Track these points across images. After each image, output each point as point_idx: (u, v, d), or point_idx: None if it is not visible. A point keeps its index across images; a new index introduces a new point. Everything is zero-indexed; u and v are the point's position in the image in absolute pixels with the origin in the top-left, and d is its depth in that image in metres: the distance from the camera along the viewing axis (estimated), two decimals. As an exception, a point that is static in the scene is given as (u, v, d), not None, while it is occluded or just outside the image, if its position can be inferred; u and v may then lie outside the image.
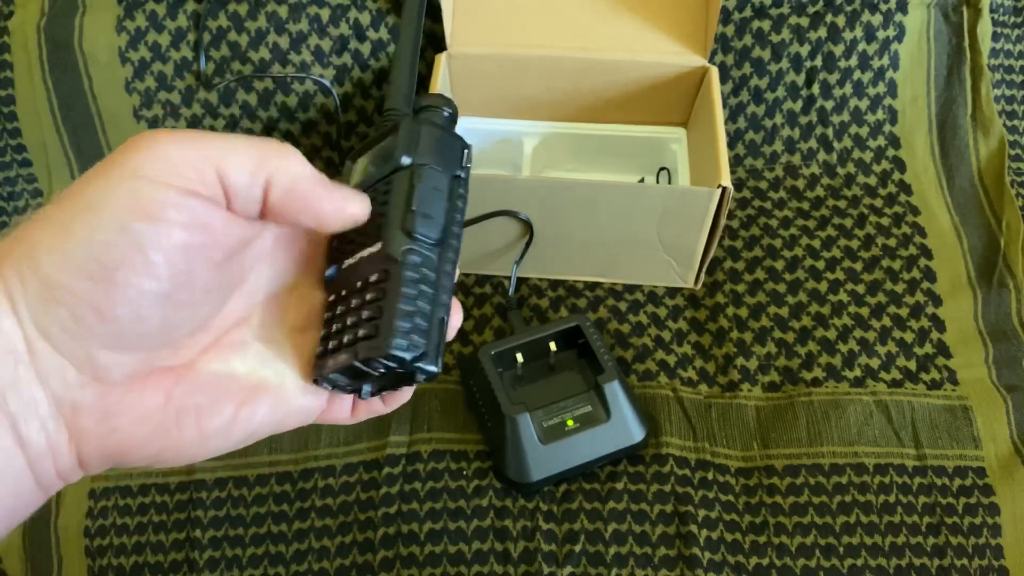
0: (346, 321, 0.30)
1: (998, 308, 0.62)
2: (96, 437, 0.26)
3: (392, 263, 0.30)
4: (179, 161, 0.25)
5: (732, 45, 0.70)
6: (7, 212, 0.72)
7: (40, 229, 0.24)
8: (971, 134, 0.71)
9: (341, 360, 0.29)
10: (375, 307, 0.29)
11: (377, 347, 0.28)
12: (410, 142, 0.32)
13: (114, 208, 0.24)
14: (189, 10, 0.68)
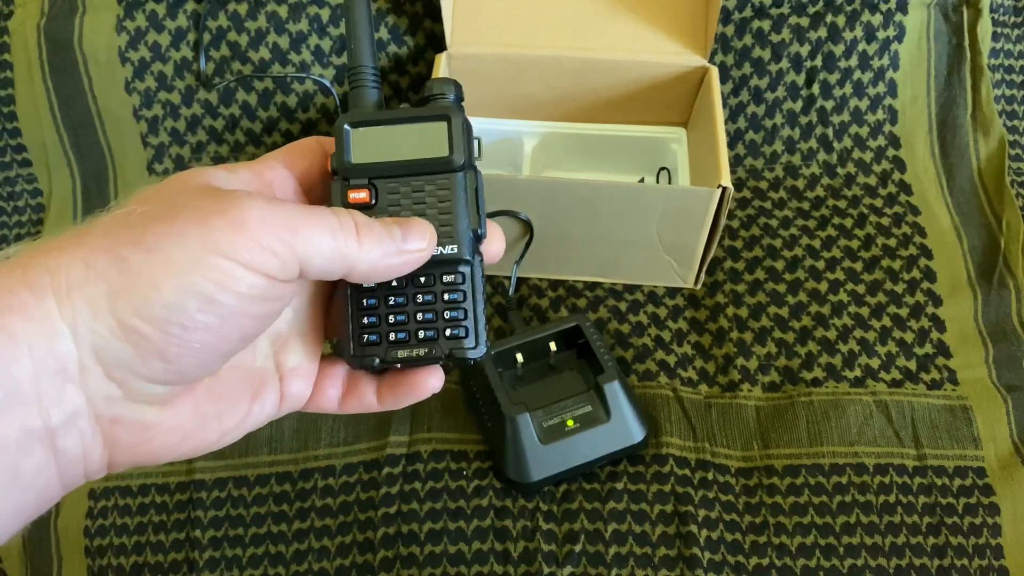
0: (414, 315, 0.32)
1: (998, 308, 0.62)
2: (130, 446, 0.27)
3: (466, 264, 0.32)
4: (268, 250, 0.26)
5: (732, 45, 0.70)
6: (7, 212, 0.72)
7: (123, 273, 0.25)
8: (971, 134, 0.71)
9: (422, 354, 0.32)
10: (460, 309, 0.32)
11: (473, 348, 0.32)
12: (466, 142, 0.32)
13: (203, 278, 0.25)
14: (189, 10, 0.68)
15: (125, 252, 0.25)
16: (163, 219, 0.26)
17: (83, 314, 0.24)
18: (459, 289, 0.32)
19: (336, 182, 0.32)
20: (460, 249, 0.31)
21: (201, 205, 0.26)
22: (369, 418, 0.57)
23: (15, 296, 0.24)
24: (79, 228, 0.26)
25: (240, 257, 0.26)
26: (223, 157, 0.72)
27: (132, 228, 0.25)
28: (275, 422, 0.56)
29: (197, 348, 0.26)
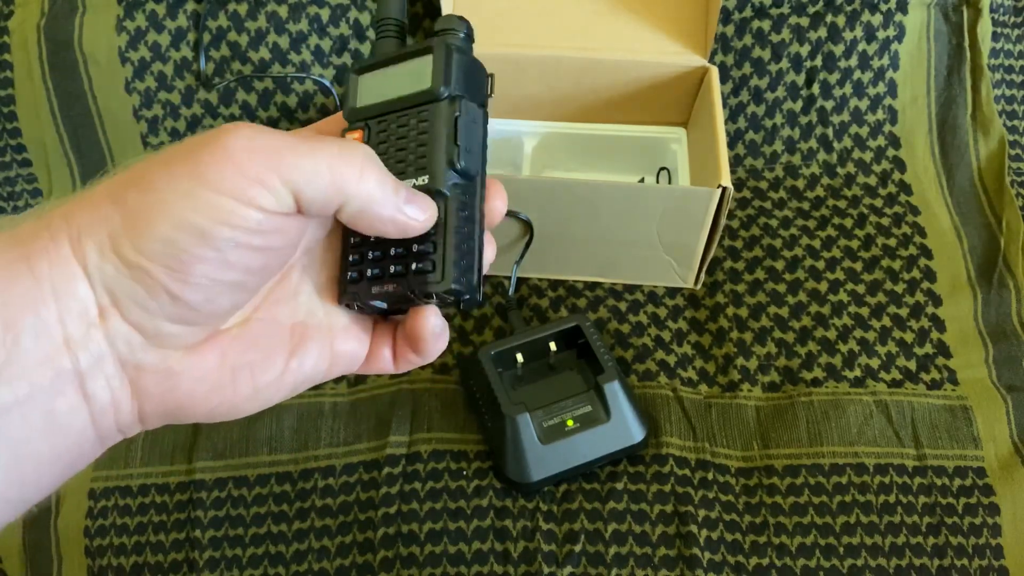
0: (389, 251, 0.30)
1: (998, 308, 0.62)
2: (157, 395, 0.28)
3: (440, 198, 0.30)
4: (258, 181, 0.26)
5: (732, 45, 0.70)
6: (7, 212, 0.72)
7: (121, 211, 0.26)
8: (971, 134, 0.71)
9: (390, 289, 0.30)
10: (428, 242, 0.30)
11: (438, 282, 0.29)
12: (448, 72, 0.31)
13: (193, 212, 0.25)
14: (189, 10, 0.68)
15: (125, 194, 0.26)
16: (161, 161, 0.26)
17: (92, 255, 0.25)
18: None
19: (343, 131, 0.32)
20: (433, 180, 0.30)
21: (193, 140, 0.26)
22: (369, 418, 0.57)
23: (39, 240, 0.25)
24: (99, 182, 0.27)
25: (229, 190, 0.25)
26: (223, 157, 0.72)
27: (135, 172, 0.26)
28: (275, 422, 0.56)
29: (201, 283, 0.26)
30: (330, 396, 0.58)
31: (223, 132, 0.26)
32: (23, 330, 0.24)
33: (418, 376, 0.58)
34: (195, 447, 0.55)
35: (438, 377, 0.59)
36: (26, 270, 0.25)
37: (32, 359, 0.25)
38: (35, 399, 0.25)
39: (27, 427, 0.25)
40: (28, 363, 0.25)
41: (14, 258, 0.25)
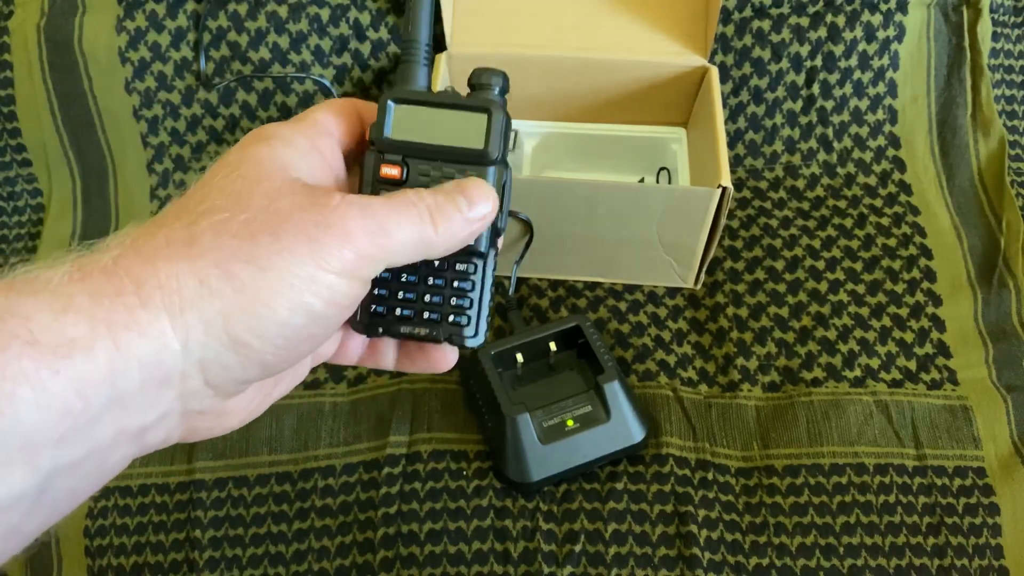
0: (422, 295, 0.33)
1: (998, 308, 0.62)
2: (205, 431, 0.29)
3: (480, 257, 0.33)
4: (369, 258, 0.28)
5: (732, 45, 0.70)
6: (7, 212, 0.72)
7: (237, 292, 0.25)
8: (971, 134, 0.71)
9: (422, 333, 0.33)
10: (466, 298, 0.33)
11: (472, 336, 0.33)
12: (501, 138, 0.33)
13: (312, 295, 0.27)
14: (189, 10, 0.68)
15: (237, 269, 0.25)
16: (269, 231, 0.26)
17: (196, 331, 0.25)
18: (469, 279, 0.33)
19: (372, 153, 0.32)
20: (478, 241, 0.32)
21: (305, 217, 0.27)
22: (369, 418, 0.57)
23: (130, 312, 0.24)
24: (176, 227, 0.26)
25: (350, 272, 0.27)
26: (223, 157, 0.72)
27: (240, 240, 0.26)
28: (275, 422, 0.56)
29: (296, 353, 0.28)
30: (330, 396, 0.58)
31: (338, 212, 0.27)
32: (97, 399, 0.24)
33: (418, 376, 0.58)
34: (195, 447, 0.55)
35: (438, 377, 0.59)
36: (108, 339, 0.24)
37: (100, 424, 0.24)
38: (93, 456, 0.25)
39: (76, 479, 0.25)
40: (95, 427, 0.24)
41: (96, 324, 0.23)
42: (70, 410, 0.23)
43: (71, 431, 0.23)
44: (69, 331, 0.23)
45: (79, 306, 0.24)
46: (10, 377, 0.22)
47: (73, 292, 0.24)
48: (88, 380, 0.23)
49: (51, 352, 0.23)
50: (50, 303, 0.23)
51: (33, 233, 0.71)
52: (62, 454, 0.23)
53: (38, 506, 0.24)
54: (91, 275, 0.24)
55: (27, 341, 0.22)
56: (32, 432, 0.22)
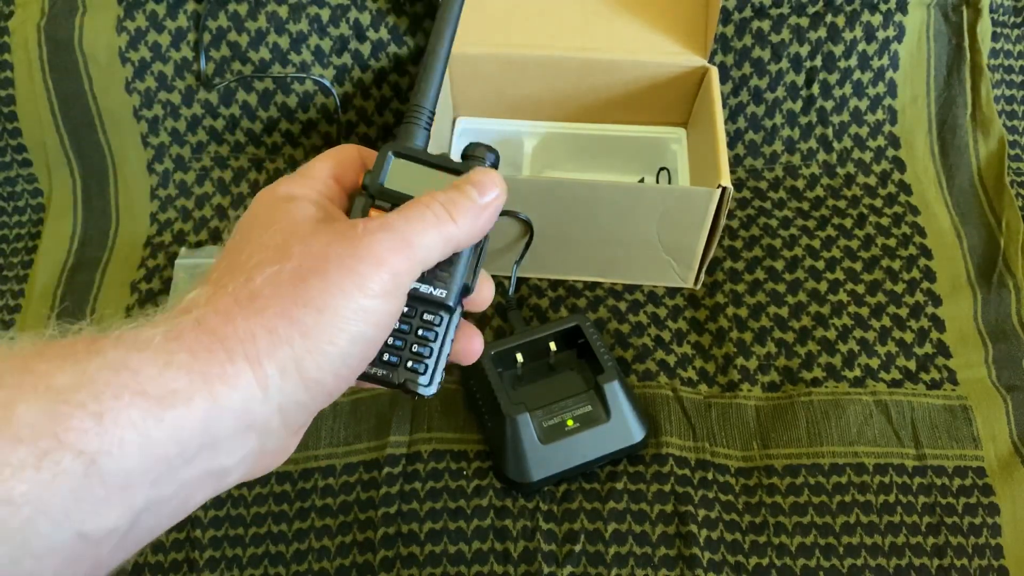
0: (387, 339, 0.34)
1: (998, 308, 0.62)
2: (269, 467, 0.31)
3: (448, 311, 0.35)
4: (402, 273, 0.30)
5: (732, 45, 0.70)
6: (7, 212, 0.72)
7: (304, 337, 0.28)
8: (971, 134, 0.71)
9: (379, 374, 0.34)
10: (427, 347, 0.34)
11: (425, 386, 0.35)
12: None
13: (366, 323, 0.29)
14: (189, 10, 0.68)
15: (299, 314, 0.28)
16: (317, 273, 0.29)
17: (274, 379, 0.28)
18: (433, 329, 0.35)
19: (362, 197, 0.34)
20: (448, 296, 0.34)
21: (340, 252, 0.29)
22: (369, 418, 0.57)
23: (221, 366, 0.27)
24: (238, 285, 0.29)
25: (390, 292, 0.30)
26: (223, 157, 0.72)
27: (294, 287, 0.29)
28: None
29: (353, 376, 0.31)
30: (330, 396, 0.58)
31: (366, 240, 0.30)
32: (192, 445, 0.26)
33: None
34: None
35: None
36: (204, 391, 0.26)
37: (191, 466, 0.26)
38: (180, 494, 0.27)
39: (162, 516, 0.27)
40: (186, 469, 0.26)
41: (193, 378, 0.26)
42: (166, 455, 0.25)
43: (166, 473, 0.26)
44: (171, 384, 0.26)
45: (180, 362, 0.26)
46: (121, 424, 0.24)
47: (172, 349, 0.26)
48: (186, 429, 0.26)
49: (157, 402, 0.25)
50: (154, 359, 0.26)
51: (33, 233, 0.71)
52: (154, 493, 0.26)
53: (124, 541, 0.26)
54: (184, 335, 0.27)
55: (136, 392, 0.25)
56: (132, 474, 0.25)
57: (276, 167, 0.72)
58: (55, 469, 0.23)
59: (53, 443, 0.23)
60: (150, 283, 0.66)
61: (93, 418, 0.24)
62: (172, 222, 0.70)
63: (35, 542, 0.23)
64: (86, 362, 0.25)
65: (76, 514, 0.24)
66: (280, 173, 0.72)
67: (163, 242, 0.69)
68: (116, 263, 0.68)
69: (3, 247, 0.70)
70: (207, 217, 0.70)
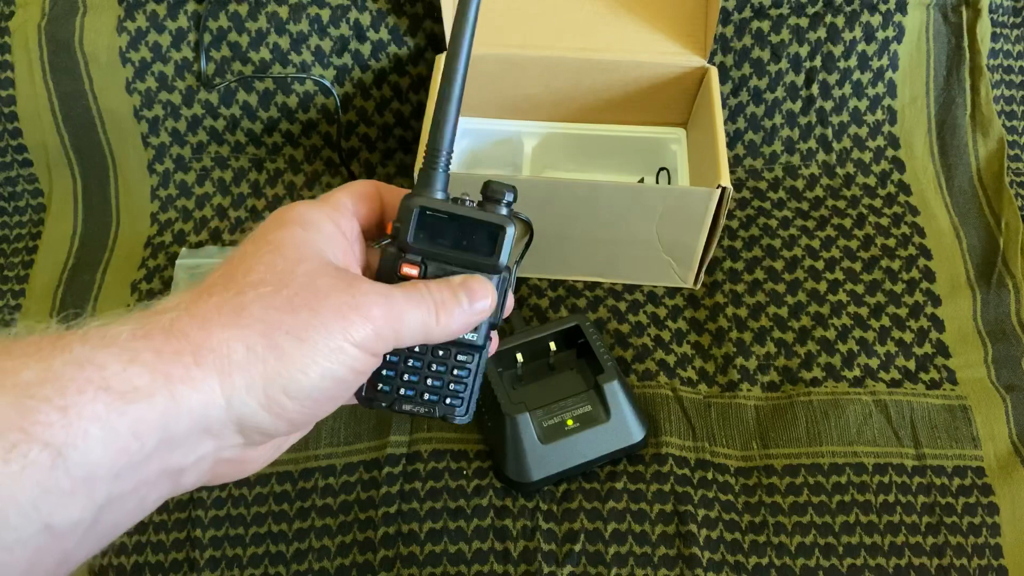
0: (424, 379, 0.37)
1: (997, 308, 0.62)
2: (226, 475, 0.32)
3: (478, 350, 0.37)
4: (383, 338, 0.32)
5: (732, 45, 0.70)
6: (8, 212, 0.72)
7: (279, 360, 0.29)
8: (970, 134, 0.71)
9: (421, 412, 0.38)
10: (462, 384, 0.37)
11: (463, 416, 0.38)
12: (513, 249, 0.36)
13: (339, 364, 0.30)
14: (190, 11, 0.69)
15: (280, 339, 0.29)
16: (309, 308, 0.30)
17: (239, 392, 0.29)
18: (467, 368, 0.37)
19: (393, 248, 0.36)
20: (478, 338, 0.37)
21: (341, 298, 0.31)
22: (370, 418, 0.57)
23: (186, 369, 0.28)
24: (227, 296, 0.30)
25: (367, 346, 0.31)
26: (223, 157, 0.72)
27: (283, 313, 0.30)
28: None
29: (318, 413, 0.32)
30: (330, 396, 0.58)
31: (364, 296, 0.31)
32: (150, 440, 0.27)
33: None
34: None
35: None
36: (166, 390, 0.27)
37: (149, 462, 0.27)
38: (138, 491, 0.28)
39: (123, 512, 0.28)
40: (145, 465, 0.27)
41: (156, 376, 0.27)
42: (127, 449, 0.26)
43: (126, 468, 0.26)
44: (135, 380, 0.27)
45: (144, 360, 0.27)
46: (86, 417, 0.25)
47: (138, 348, 0.27)
48: (145, 424, 0.27)
49: (120, 397, 0.26)
50: (119, 355, 0.27)
51: (34, 233, 0.71)
52: (115, 488, 0.26)
53: (89, 535, 0.27)
54: (152, 334, 0.28)
55: (101, 387, 0.26)
56: (96, 467, 0.25)
57: (276, 167, 0.72)
58: (23, 461, 0.24)
59: (21, 436, 0.24)
60: (151, 283, 0.66)
61: (59, 411, 0.25)
62: (173, 222, 0.70)
63: (5, 534, 0.24)
64: (51, 358, 0.26)
65: (44, 506, 0.24)
66: (280, 173, 0.72)
67: (163, 242, 0.69)
68: (117, 263, 0.68)
69: (3, 247, 0.70)
70: (207, 217, 0.70)
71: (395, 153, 0.73)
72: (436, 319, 0.34)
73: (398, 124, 0.72)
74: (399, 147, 0.73)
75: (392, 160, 0.73)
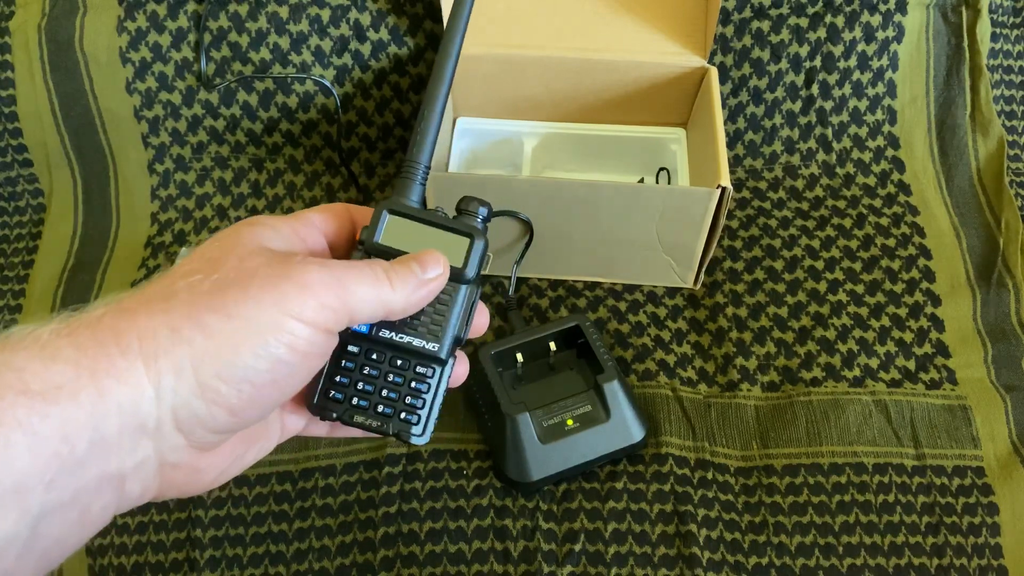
0: (380, 389, 0.36)
1: (997, 308, 0.62)
2: (180, 485, 0.31)
3: (440, 364, 0.36)
4: (328, 308, 0.30)
5: (732, 46, 0.70)
6: (8, 212, 0.72)
7: (207, 338, 0.28)
8: (970, 134, 0.71)
9: (374, 425, 0.36)
10: (420, 399, 0.36)
11: (419, 435, 0.36)
12: (477, 261, 0.36)
13: (275, 341, 0.29)
14: (190, 11, 0.69)
15: (207, 318, 0.28)
16: (237, 286, 0.29)
17: (168, 377, 0.27)
18: (426, 382, 0.36)
19: (359, 251, 0.35)
20: (440, 349, 0.35)
21: (270, 272, 0.29)
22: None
23: (110, 360, 0.26)
24: (157, 288, 0.29)
25: (306, 316, 0.29)
26: (223, 157, 0.72)
27: (211, 295, 0.28)
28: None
29: (261, 401, 0.30)
30: (330, 396, 0.58)
31: (299, 265, 0.30)
32: (81, 442, 0.25)
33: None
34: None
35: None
36: (91, 385, 0.26)
37: (84, 467, 0.26)
38: (78, 500, 0.26)
39: (63, 524, 0.26)
40: (80, 471, 0.26)
41: (80, 372, 0.26)
42: (58, 453, 0.25)
43: (59, 474, 0.25)
44: (56, 378, 0.25)
45: (66, 357, 0.26)
46: (5, 423, 0.24)
47: (61, 345, 0.26)
48: (73, 424, 0.25)
49: (41, 398, 0.25)
50: (39, 355, 0.26)
51: (34, 233, 0.71)
52: (50, 498, 0.25)
53: (28, 552, 0.25)
54: (77, 330, 0.27)
55: (20, 390, 0.25)
56: (24, 476, 0.24)
57: (276, 167, 0.72)
58: None
59: None
60: (151, 283, 0.66)
61: None
62: (173, 222, 0.70)
63: None
64: None
65: None
66: (280, 173, 0.72)
67: (164, 242, 0.69)
68: (117, 263, 0.68)
69: (3, 247, 0.70)
70: (208, 217, 0.70)
71: (395, 153, 0.73)
72: (391, 285, 0.32)
73: (398, 124, 0.72)
74: (399, 147, 0.73)
75: (392, 160, 0.73)
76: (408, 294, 0.32)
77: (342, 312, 0.30)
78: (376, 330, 0.35)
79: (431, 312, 0.35)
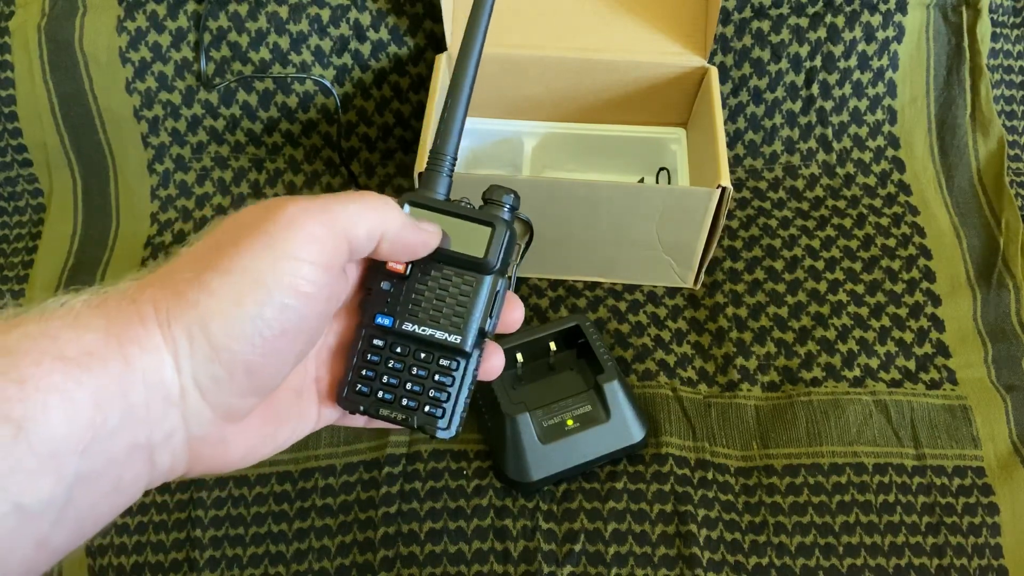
0: (404, 382, 0.35)
1: (997, 308, 0.62)
2: (209, 459, 0.31)
3: (464, 356, 0.35)
4: (321, 238, 0.29)
5: (732, 45, 0.70)
6: (8, 212, 0.72)
7: (209, 296, 0.28)
8: (970, 134, 0.71)
9: (399, 418, 0.35)
10: (444, 392, 0.35)
11: (444, 429, 0.35)
12: (501, 251, 0.35)
13: (275, 285, 0.28)
14: (190, 11, 0.69)
15: (206, 277, 0.28)
16: (229, 242, 0.29)
17: (183, 344, 0.28)
18: (450, 375, 0.35)
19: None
20: (463, 342, 0.35)
21: (256, 219, 0.29)
22: (369, 418, 0.57)
23: (132, 328, 0.27)
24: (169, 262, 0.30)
25: (300, 253, 0.29)
26: (223, 157, 0.72)
27: (208, 255, 0.29)
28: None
29: (276, 355, 0.30)
30: (330, 396, 0.58)
31: (278, 205, 0.30)
32: (112, 411, 0.26)
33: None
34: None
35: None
36: (118, 353, 0.27)
37: (116, 436, 0.26)
38: (109, 470, 0.27)
39: (96, 493, 0.27)
40: (111, 440, 0.26)
41: (109, 339, 0.27)
42: (92, 422, 0.25)
43: (92, 443, 0.26)
44: (88, 346, 0.26)
45: (96, 326, 0.27)
46: (43, 388, 0.25)
47: (92, 315, 0.27)
48: (104, 392, 0.26)
49: (76, 364, 0.26)
50: (73, 324, 0.26)
51: (34, 233, 0.71)
52: (84, 464, 0.26)
53: (63, 518, 0.26)
54: (106, 301, 0.28)
55: (56, 356, 0.25)
56: (60, 441, 0.25)
57: (276, 167, 0.72)
58: None
59: None
60: (150, 283, 0.66)
61: (15, 384, 0.24)
62: (173, 222, 0.70)
63: None
64: (6, 334, 0.26)
65: (11, 485, 0.24)
66: (280, 173, 0.72)
67: (163, 242, 0.69)
68: (117, 263, 0.68)
69: (3, 247, 0.70)
70: (208, 217, 0.70)
71: (395, 153, 0.73)
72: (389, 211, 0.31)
73: (398, 124, 0.72)
74: (399, 147, 0.73)
75: (392, 160, 0.73)
76: (401, 224, 0.32)
77: (339, 239, 0.30)
78: (399, 323, 0.35)
79: (453, 304, 0.35)
